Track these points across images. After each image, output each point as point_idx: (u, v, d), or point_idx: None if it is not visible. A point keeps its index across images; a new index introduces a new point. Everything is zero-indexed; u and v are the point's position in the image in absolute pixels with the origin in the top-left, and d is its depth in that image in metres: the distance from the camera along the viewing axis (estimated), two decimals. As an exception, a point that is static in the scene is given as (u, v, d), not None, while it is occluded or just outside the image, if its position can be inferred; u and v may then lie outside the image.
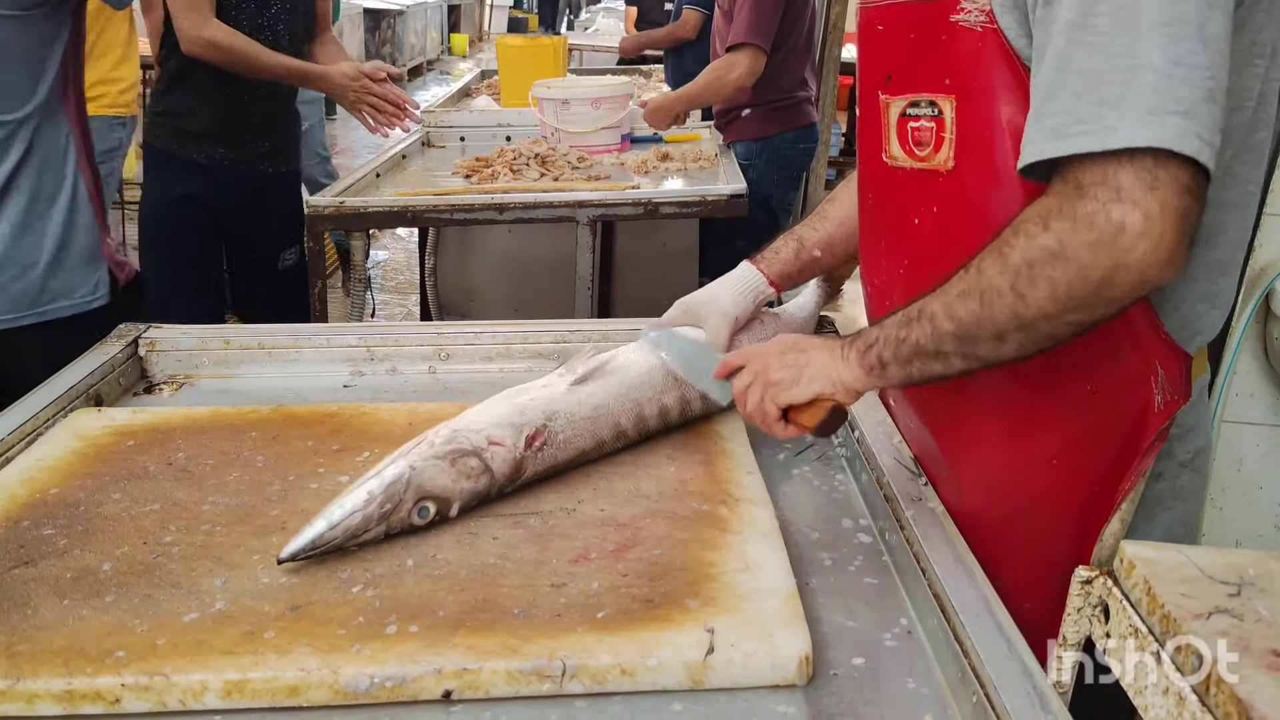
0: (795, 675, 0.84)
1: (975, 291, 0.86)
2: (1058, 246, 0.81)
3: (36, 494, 1.07)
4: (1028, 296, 0.83)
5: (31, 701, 0.79)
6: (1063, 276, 0.81)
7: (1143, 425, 0.93)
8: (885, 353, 0.95)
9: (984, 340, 0.87)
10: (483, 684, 0.82)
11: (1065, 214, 0.80)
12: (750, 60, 2.97)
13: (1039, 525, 1.02)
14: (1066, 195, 0.81)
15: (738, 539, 1.00)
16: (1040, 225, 0.82)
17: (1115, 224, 0.77)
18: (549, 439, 1.09)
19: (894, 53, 1.00)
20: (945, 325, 0.89)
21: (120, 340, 1.45)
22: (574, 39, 6.67)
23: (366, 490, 0.97)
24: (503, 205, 2.46)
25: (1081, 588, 0.72)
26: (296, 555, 0.93)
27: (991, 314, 0.85)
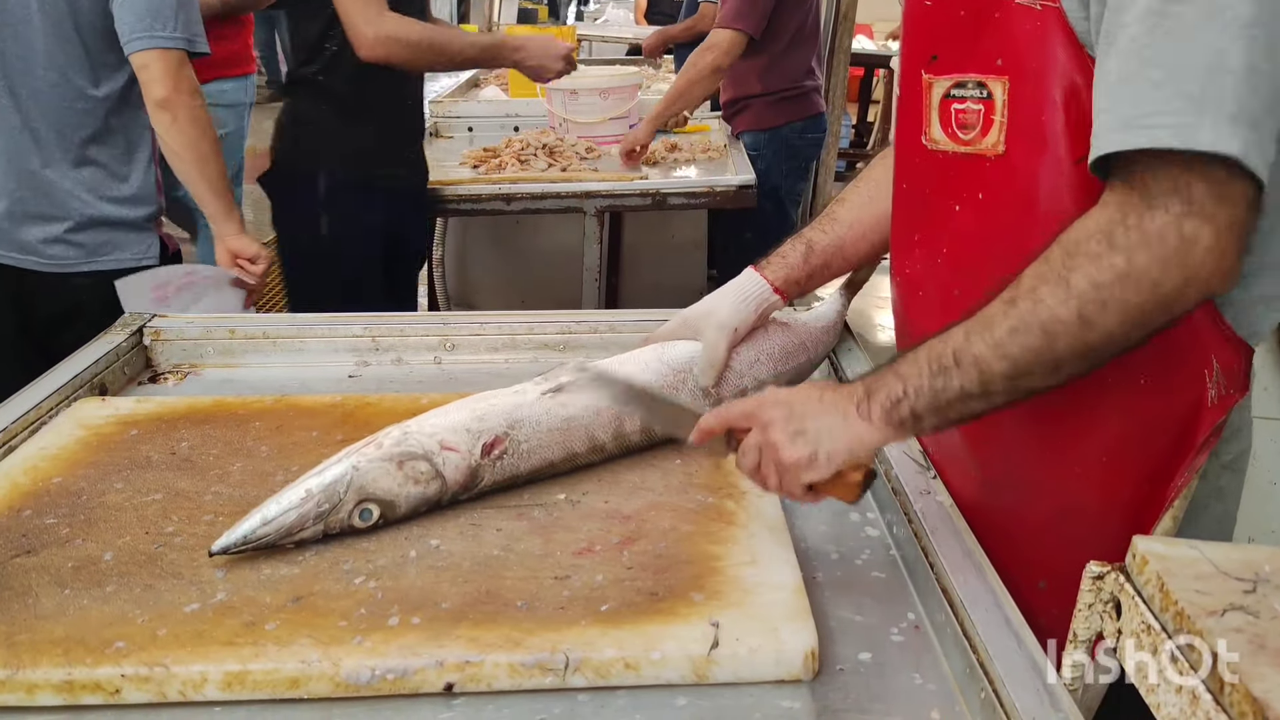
0: (801, 670, 0.83)
1: (1034, 325, 0.80)
2: (1128, 266, 0.77)
3: (39, 483, 1.07)
4: (1097, 323, 0.78)
5: (31, 691, 0.79)
6: (1135, 298, 0.77)
7: (1196, 420, 0.89)
8: (919, 405, 0.85)
9: (1038, 374, 0.82)
10: (485, 677, 0.81)
11: (1134, 229, 0.77)
12: (728, 41, 2.90)
13: (1083, 525, 0.98)
14: (1132, 206, 0.77)
15: (744, 532, 0.99)
16: (1105, 243, 0.78)
17: (1188, 239, 0.75)
18: (510, 448, 1.04)
19: (941, 30, 0.96)
20: (997, 367, 0.82)
21: (125, 329, 1.45)
22: (583, 29, 6.65)
23: (305, 488, 0.94)
24: (510, 195, 2.45)
25: (1093, 583, 0.70)
26: (229, 549, 0.91)
27: (1054, 346, 0.80)
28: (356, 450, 0.99)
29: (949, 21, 0.95)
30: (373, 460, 0.97)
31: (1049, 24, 0.86)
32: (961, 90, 0.94)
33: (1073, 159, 0.85)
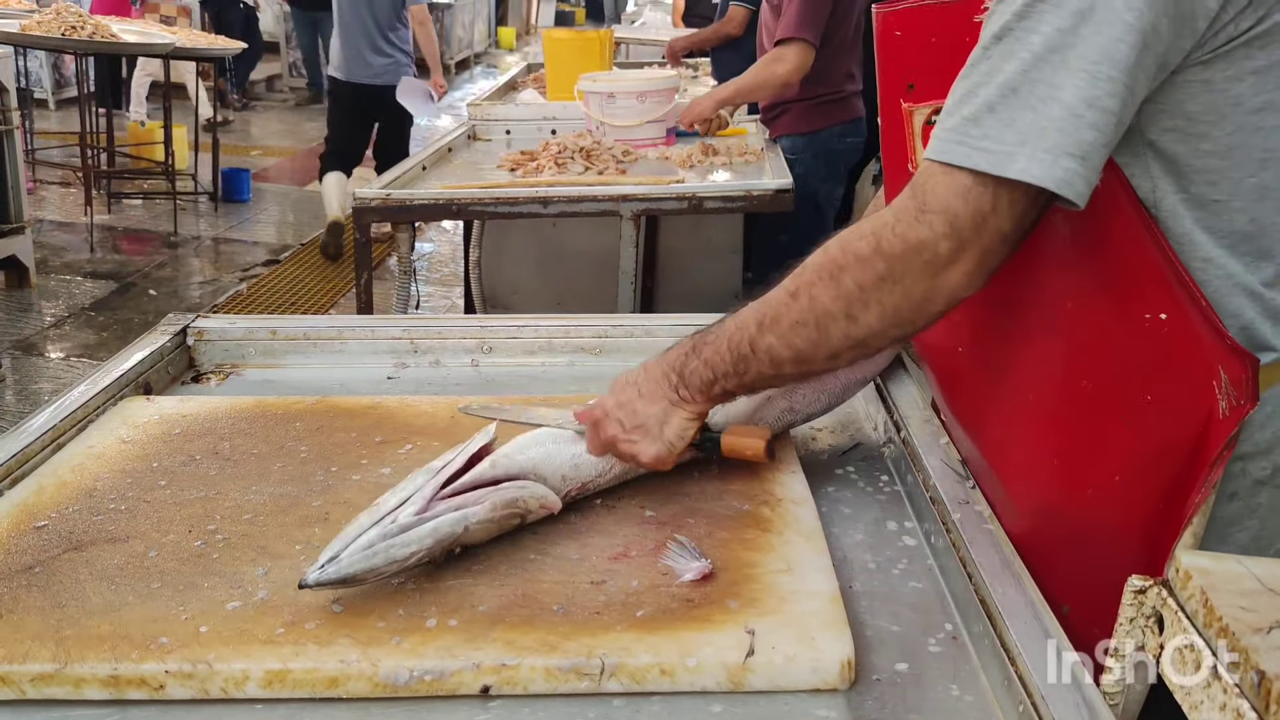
0: (837, 679, 0.82)
1: (810, 320, 0.92)
2: (888, 272, 0.86)
3: (87, 480, 1.09)
4: (860, 319, 0.89)
5: (78, 685, 0.80)
6: (890, 299, 0.87)
7: (1208, 434, 0.88)
8: (729, 385, 1.00)
9: (819, 360, 0.95)
10: (521, 680, 0.81)
11: (899, 238, 0.85)
12: (799, 55, 2.94)
13: (1102, 548, 0.97)
14: (906, 212, 0.85)
15: (780, 539, 0.99)
16: (872, 247, 0.87)
17: (943, 257, 0.84)
18: (584, 490, 1.06)
19: (915, 59, 0.98)
20: (785, 354, 0.94)
21: (169, 329, 1.47)
22: (620, 32, 6.66)
23: (417, 541, 0.90)
24: (547, 199, 2.46)
25: (1134, 597, 0.70)
26: (324, 585, 0.88)
27: (826, 338, 0.92)
28: (452, 477, 0.96)
29: (921, 50, 0.98)
30: (482, 521, 0.95)
31: None
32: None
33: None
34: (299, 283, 5.13)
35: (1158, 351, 0.89)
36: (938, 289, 0.86)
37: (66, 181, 6.42)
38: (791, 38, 2.92)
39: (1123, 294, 0.91)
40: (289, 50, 10.49)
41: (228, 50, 6.38)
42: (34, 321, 4.45)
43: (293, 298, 4.92)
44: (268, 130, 9.03)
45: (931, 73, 0.96)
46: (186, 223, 5.93)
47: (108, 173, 6.23)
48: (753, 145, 3.12)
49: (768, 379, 0.99)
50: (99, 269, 5.14)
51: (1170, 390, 0.91)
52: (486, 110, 3.49)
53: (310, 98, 10.18)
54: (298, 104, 10.11)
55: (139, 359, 1.37)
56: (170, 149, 6.06)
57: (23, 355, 4.10)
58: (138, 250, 5.53)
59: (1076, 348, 0.95)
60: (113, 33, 5.42)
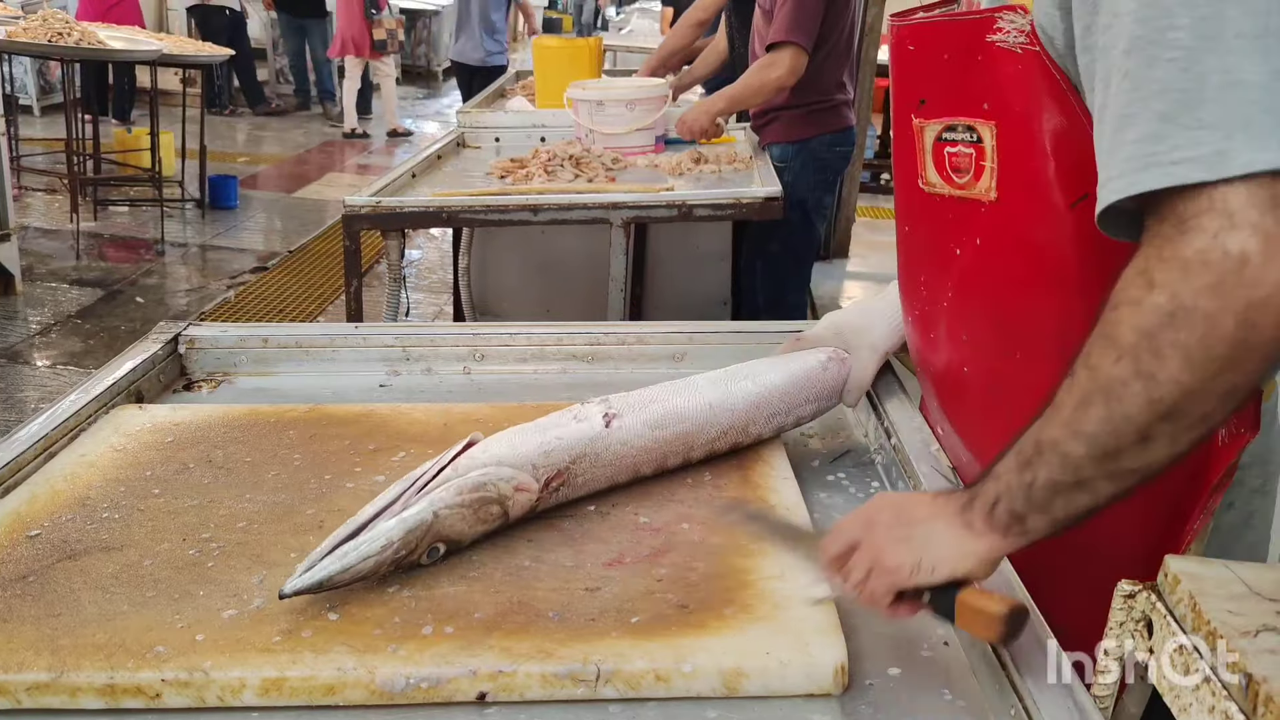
0: (831, 684, 0.83)
1: (1095, 394, 0.72)
2: (1173, 303, 0.68)
3: (80, 489, 1.09)
4: (1159, 375, 0.69)
5: (74, 695, 0.80)
6: (1190, 338, 0.67)
7: (1207, 461, 0.87)
8: (1017, 505, 0.77)
9: (1127, 450, 0.72)
10: (517, 687, 0.82)
11: (1170, 260, 0.68)
12: (791, 59, 2.94)
13: (1099, 572, 0.94)
14: (1166, 238, 0.69)
15: (773, 546, 1.00)
16: (1144, 286, 0.70)
17: (1236, 257, 0.66)
18: (567, 480, 1.04)
19: (927, 74, 0.95)
20: (1076, 449, 0.73)
21: (160, 337, 1.47)
22: (609, 40, 6.68)
23: (386, 535, 0.91)
24: (537, 206, 2.46)
25: (1124, 601, 0.71)
26: (301, 592, 0.88)
27: (1124, 412, 0.71)
28: (432, 485, 0.96)
29: (934, 65, 0.93)
30: (452, 507, 0.95)
31: (1031, 68, 0.84)
32: (953, 134, 0.93)
33: (1068, 204, 0.82)
34: (287, 290, 5.12)
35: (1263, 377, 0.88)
36: (1253, 305, 0.66)
37: (52, 188, 6.38)
38: (784, 41, 2.93)
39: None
40: (276, 57, 10.46)
41: (214, 57, 6.37)
42: (20, 329, 4.42)
43: (281, 305, 4.91)
44: (255, 137, 9.00)
45: (942, 89, 0.93)
46: (173, 230, 5.91)
47: (94, 179, 6.20)
48: (742, 153, 3.13)
49: (1066, 489, 0.75)
50: (85, 276, 5.11)
51: None
52: (476, 118, 3.49)
53: (297, 104, 10.15)
54: (285, 111, 10.09)
55: (131, 367, 1.37)
56: (157, 156, 6.04)
57: (8, 363, 4.07)
58: (124, 258, 5.50)
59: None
60: (99, 39, 5.40)
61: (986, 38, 0.86)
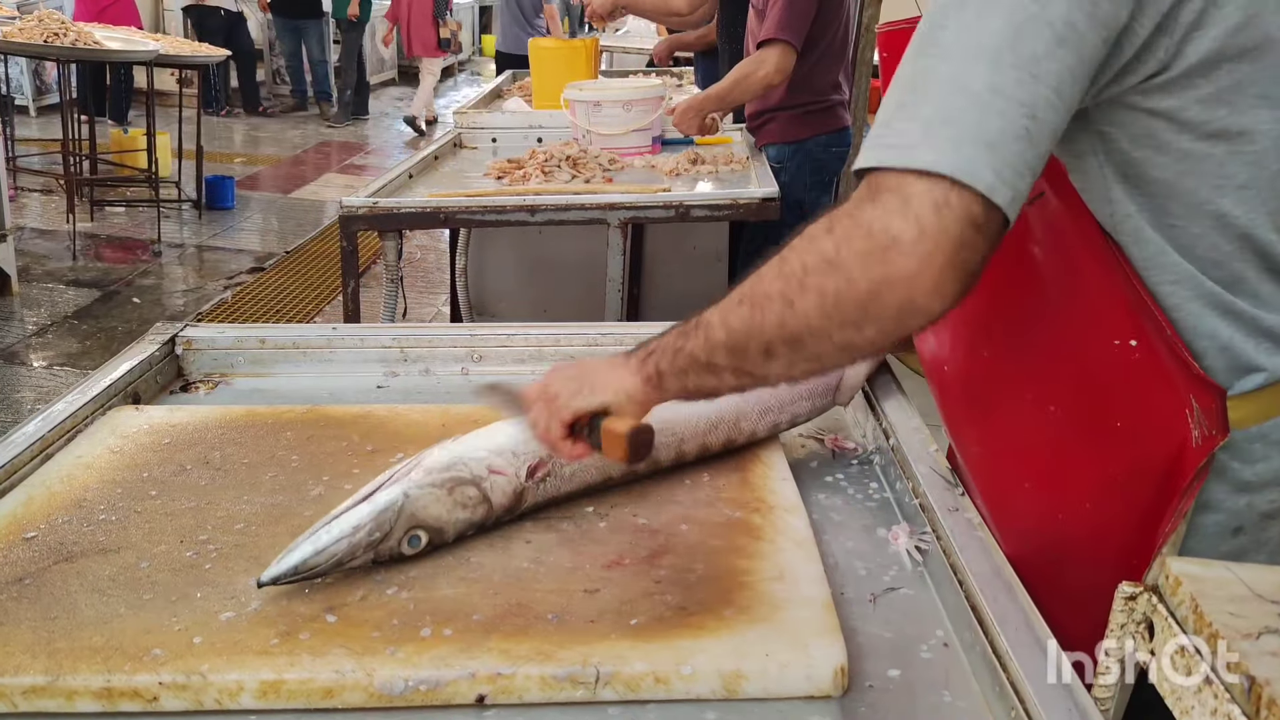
0: (830, 686, 0.83)
1: (749, 297, 0.82)
2: (833, 253, 0.77)
3: (76, 490, 1.09)
4: (796, 304, 0.79)
5: (71, 698, 0.80)
6: (831, 285, 0.77)
7: (1180, 463, 0.88)
8: (663, 363, 0.90)
9: (752, 353, 0.83)
10: (516, 689, 0.82)
11: (850, 216, 0.77)
12: (779, 57, 2.93)
13: (1074, 572, 0.98)
14: (859, 199, 0.77)
15: (772, 547, 1.00)
16: (825, 230, 0.78)
17: (891, 235, 0.74)
18: (553, 470, 1.03)
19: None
20: (718, 335, 0.85)
21: (157, 338, 1.47)
22: (605, 40, 6.68)
23: (356, 517, 0.92)
24: (535, 207, 2.46)
25: (1125, 603, 0.70)
26: (279, 580, 0.89)
27: (761, 323, 0.81)
28: (404, 474, 0.97)
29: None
30: (423, 487, 0.95)
31: None
32: None
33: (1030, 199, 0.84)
34: (284, 291, 5.11)
35: (1128, 378, 0.89)
36: (888, 283, 0.75)
37: (48, 189, 6.37)
38: (773, 39, 2.92)
39: (1091, 320, 0.91)
40: (273, 58, 10.45)
41: (211, 58, 6.36)
42: (16, 330, 4.41)
43: (278, 306, 4.90)
44: (251, 137, 8.99)
45: None
46: (170, 231, 5.90)
47: (90, 180, 6.19)
48: (739, 154, 3.13)
49: (700, 365, 0.87)
50: (82, 277, 5.10)
51: (1140, 418, 0.90)
52: (473, 118, 3.48)
53: (294, 105, 10.15)
54: (282, 111, 10.08)
55: (127, 368, 1.37)
56: (153, 156, 6.02)
57: (5, 364, 4.07)
58: (121, 258, 5.49)
59: (1044, 373, 0.96)
60: (95, 40, 5.39)
61: None
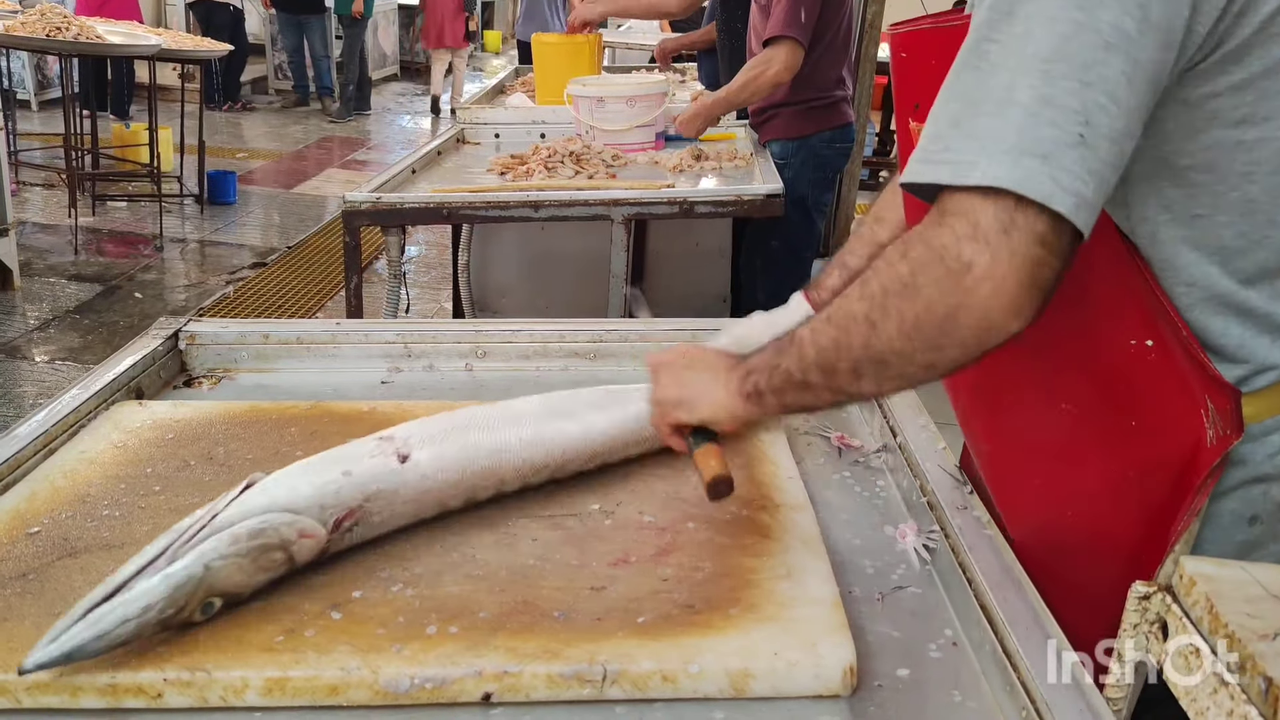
0: (839, 685, 0.82)
1: (838, 318, 0.85)
2: (910, 278, 0.79)
3: (80, 486, 1.08)
4: (879, 327, 0.82)
5: (75, 694, 0.79)
6: (910, 309, 0.79)
7: (1194, 462, 0.88)
8: (761, 381, 0.92)
9: (841, 372, 0.86)
10: (523, 687, 0.81)
11: (922, 241, 0.79)
12: (787, 55, 2.93)
13: (1085, 567, 0.97)
14: (930, 222, 0.79)
15: (779, 545, 0.99)
16: (901, 253, 0.81)
17: (964, 262, 0.76)
18: (361, 519, 0.95)
19: (918, 80, 0.98)
20: (809, 353, 0.87)
21: (161, 333, 1.46)
22: (608, 36, 6.66)
23: (147, 595, 0.80)
24: (538, 203, 2.45)
25: (1139, 603, 0.70)
26: (45, 666, 0.78)
27: (848, 342, 0.84)
28: (204, 534, 0.87)
29: (923, 72, 0.97)
30: (226, 557, 0.85)
31: None
32: None
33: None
34: (286, 286, 5.11)
35: (1143, 378, 0.89)
36: (964, 307, 0.77)
37: (50, 183, 6.36)
38: (779, 36, 2.92)
39: (1107, 320, 0.91)
40: (275, 53, 10.44)
41: (214, 53, 6.35)
42: (18, 324, 4.40)
43: (280, 301, 4.89)
44: (254, 133, 8.98)
45: (933, 94, 0.95)
46: (172, 225, 5.89)
47: (92, 175, 6.18)
48: (742, 150, 3.12)
49: (795, 383, 0.90)
50: (83, 271, 5.09)
51: (1155, 416, 0.90)
52: (475, 114, 3.47)
53: (296, 100, 10.13)
54: (284, 106, 10.07)
55: (130, 363, 1.36)
56: (155, 151, 6.02)
57: (7, 359, 4.06)
58: (123, 253, 5.49)
59: (1059, 371, 0.95)
60: (97, 34, 5.38)
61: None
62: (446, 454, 1.01)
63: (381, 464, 0.98)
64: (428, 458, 1.00)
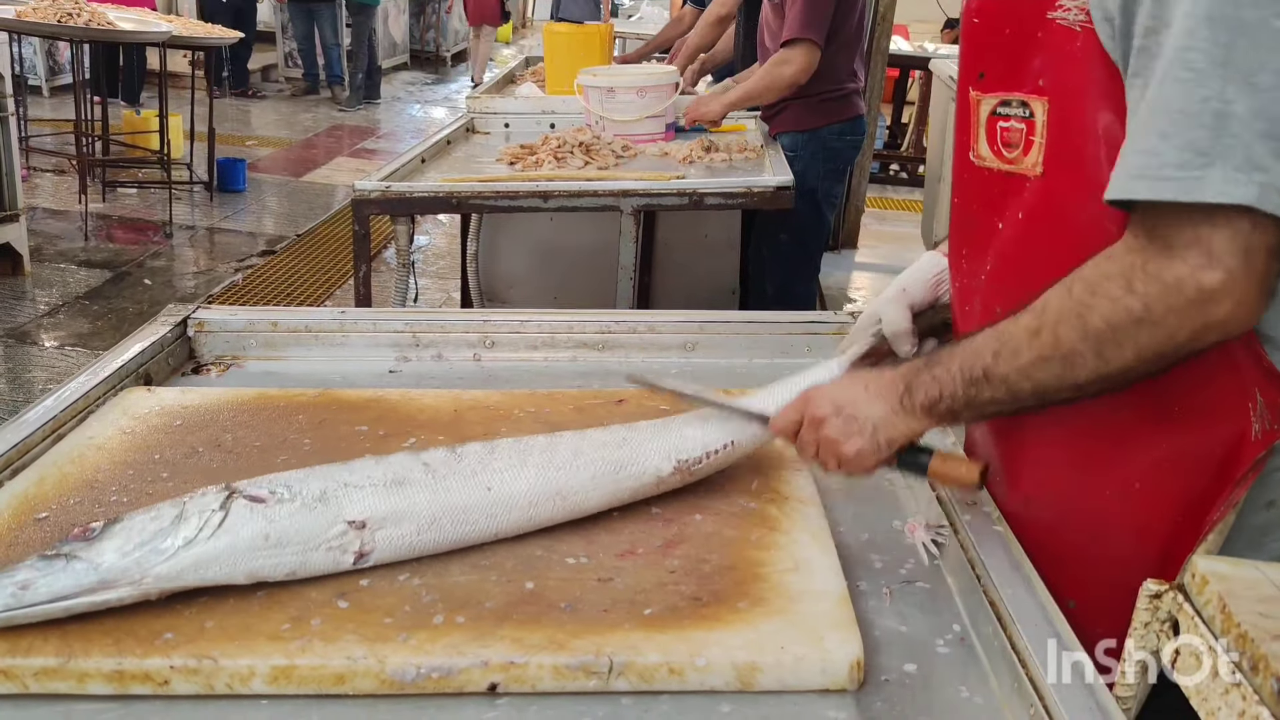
0: (846, 680, 0.82)
1: (1055, 359, 0.86)
2: (1144, 312, 0.81)
3: (88, 472, 1.08)
4: (1112, 359, 0.84)
5: (82, 680, 0.80)
6: (1149, 340, 0.82)
7: (1237, 454, 0.87)
8: (957, 406, 0.93)
9: (1063, 393, 0.88)
10: (529, 678, 0.81)
11: (1152, 276, 0.80)
12: (805, 56, 2.94)
13: (1116, 549, 0.96)
14: (1152, 254, 0.80)
15: (787, 538, 0.99)
16: (1124, 287, 0.82)
17: (1206, 290, 0.78)
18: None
19: (988, 48, 0.96)
20: (1023, 387, 0.89)
21: (170, 320, 1.46)
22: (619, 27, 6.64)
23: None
24: (547, 193, 2.45)
25: (1150, 601, 0.69)
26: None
27: (1074, 377, 0.86)
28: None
29: (995, 39, 0.95)
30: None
31: (1088, 46, 0.86)
32: (1007, 109, 0.94)
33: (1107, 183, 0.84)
34: (295, 274, 5.11)
35: (1193, 363, 0.87)
36: (1208, 327, 0.80)
37: (61, 169, 6.37)
38: (797, 38, 2.92)
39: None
40: (285, 40, 10.43)
41: (224, 40, 6.34)
42: (28, 310, 4.41)
43: (289, 289, 4.90)
44: (263, 120, 8.98)
45: (1001, 63, 0.94)
46: (181, 212, 5.89)
47: (102, 161, 6.19)
48: (753, 142, 3.11)
49: (1002, 405, 0.92)
50: (93, 258, 5.10)
51: (1201, 405, 0.89)
52: (485, 103, 3.47)
53: (306, 88, 10.12)
54: (293, 94, 10.06)
55: (139, 349, 1.36)
56: (165, 138, 6.02)
57: (16, 344, 4.07)
58: (132, 239, 5.49)
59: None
60: (109, 20, 5.38)
61: (1048, 14, 0.88)
62: (418, 547, 0.94)
63: (336, 560, 0.91)
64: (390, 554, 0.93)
